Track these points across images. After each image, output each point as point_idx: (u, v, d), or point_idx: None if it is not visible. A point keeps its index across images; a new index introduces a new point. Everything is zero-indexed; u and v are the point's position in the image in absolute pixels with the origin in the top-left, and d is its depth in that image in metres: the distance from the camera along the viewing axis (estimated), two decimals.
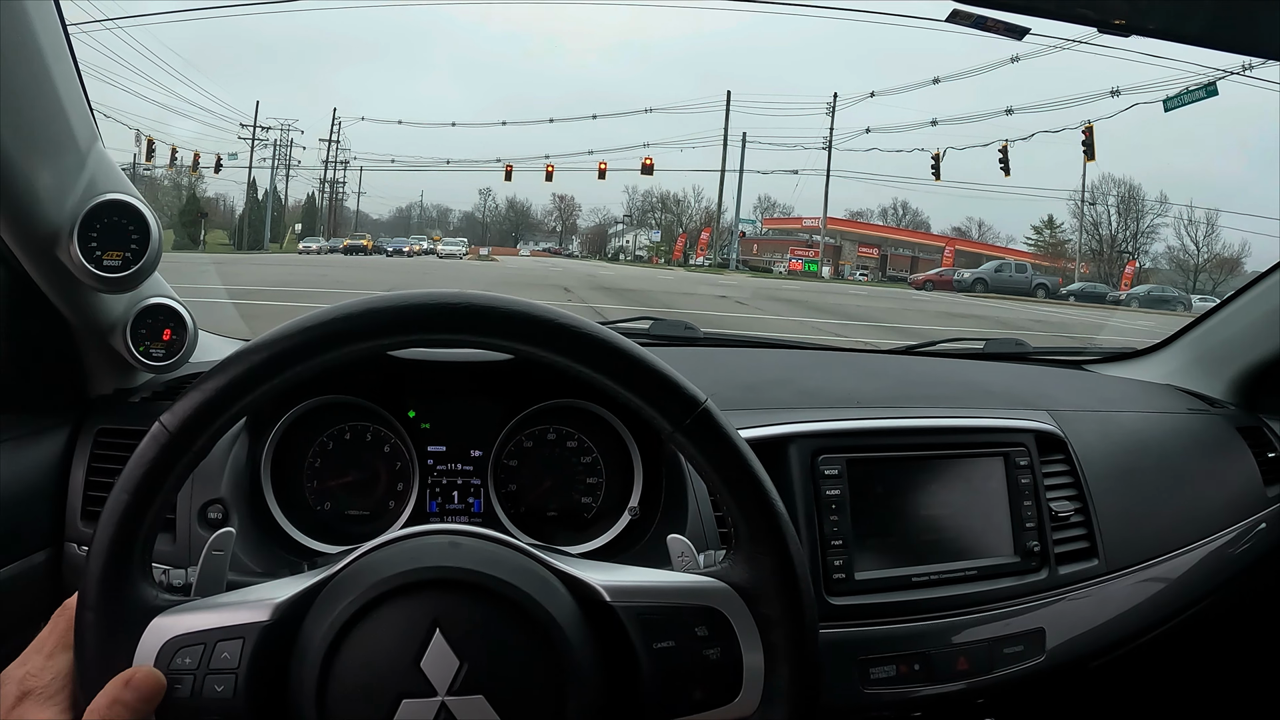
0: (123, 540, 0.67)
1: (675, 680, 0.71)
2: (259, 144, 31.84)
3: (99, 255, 1.05)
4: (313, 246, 29.16)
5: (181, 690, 0.65)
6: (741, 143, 34.33)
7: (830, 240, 35.37)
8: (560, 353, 0.72)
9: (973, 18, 0.99)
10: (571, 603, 0.70)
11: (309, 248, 29.01)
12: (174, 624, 0.67)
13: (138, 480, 0.67)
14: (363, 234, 33.89)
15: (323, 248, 28.97)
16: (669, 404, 0.73)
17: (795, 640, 0.72)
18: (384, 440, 1.24)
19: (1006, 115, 28.25)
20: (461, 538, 0.71)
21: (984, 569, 1.28)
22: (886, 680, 1.19)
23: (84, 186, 1.05)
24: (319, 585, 0.69)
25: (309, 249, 28.82)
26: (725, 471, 0.73)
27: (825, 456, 1.23)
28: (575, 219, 44.46)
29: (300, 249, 29.25)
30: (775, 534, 0.73)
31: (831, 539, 1.20)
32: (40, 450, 1.14)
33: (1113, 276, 32.06)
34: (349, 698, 0.64)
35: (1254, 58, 1.09)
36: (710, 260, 34.26)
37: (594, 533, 1.24)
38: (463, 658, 0.64)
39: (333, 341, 0.69)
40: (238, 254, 28.01)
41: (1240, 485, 1.63)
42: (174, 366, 1.23)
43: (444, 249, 31.99)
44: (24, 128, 0.95)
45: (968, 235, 41.43)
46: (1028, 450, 1.34)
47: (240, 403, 0.69)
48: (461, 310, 0.71)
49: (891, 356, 1.87)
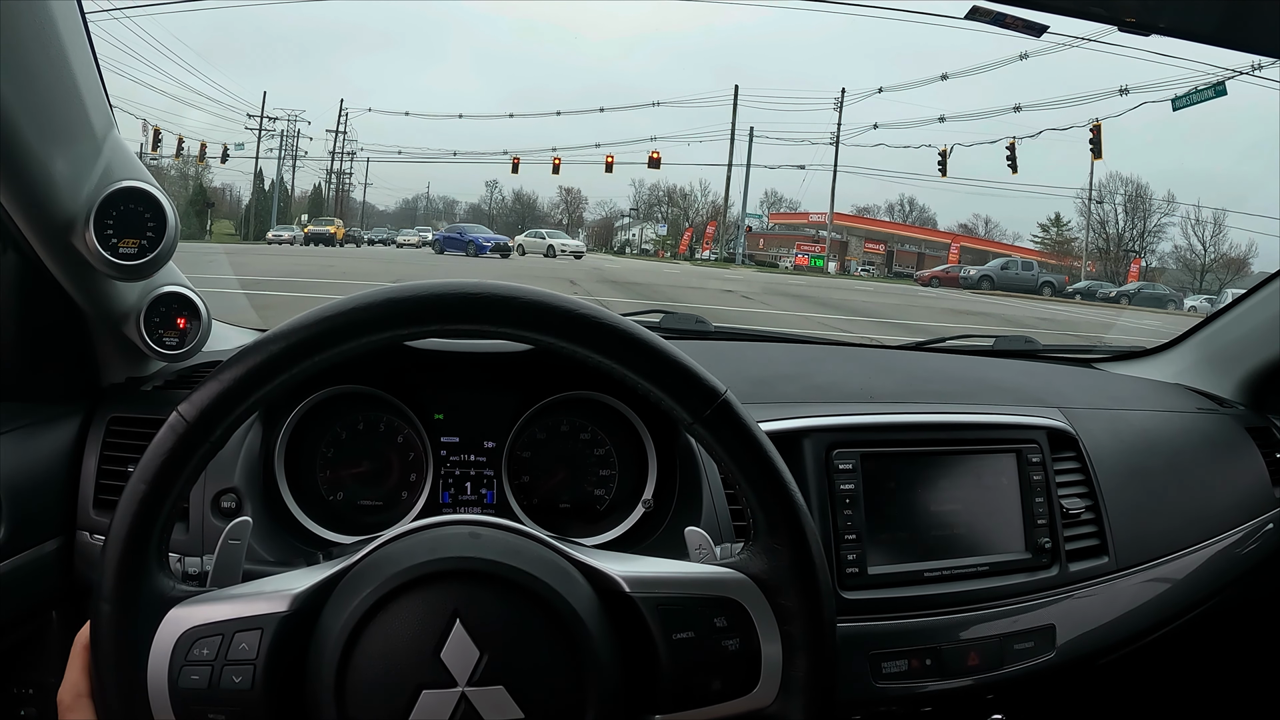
0: (140, 531, 0.67)
1: (694, 671, 0.71)
2: (266, 134, 31.72)
3: (115, 243, 1.05)
4: (284, 235, 24.61)
5: (199, 681, 0.65)
6: (749, 137, 34.25)
7: (837, 236, 35.26)
8: (579, 343, 0.72)
9: (992, 14, 0.98)
10: (591, 593, 0.70)
11: (279, 236, 24.54)
12: (191, 615, 0.67)
13: (155, 470, 0.67)
14: (330, 218, 28.13)
15: (296, 237, 24.30)
16: (689, 395, 0.73)
17: (813, 631, 0.72)
18: (397, 431, 1.24)
19: (1015, 112, 28.16)
20: (481, 528, 0.71)
21: (995, 565, 1.28)
22: (898, 675, 1.19)
23: (100, 174, 1.05)
24: (337, 576, 0.69)
25: (279, 238, 24.26)
26: (744, 463, 0.73)
27: (840, 451, 1.23)
28: (582, 212, 44.36)
29: (270, 238, 24.78)
30: (794, 525, 0.73)
31: (845, 533, 1.20)
32: (52, 438, 1.14)
33: (1119, 275, 31.97)
34: (368, 689, 0.64)
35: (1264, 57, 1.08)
36: (716, 254, 34.19)
37: (607, 525, 1.25)
38: (483, 648, 0.64)
39: (351, 332, 0.69)
40: (244, 244, 25.43)
41: (1249, 485, 1.63)
42: (187, 355, 1.23)
43: (402, 239, 28.24)
44: (41, 115, 0.95)
45: (974, 232, 41.27)
46: (1040, 447, 1.34)
47: (258, 393, 0.69)
48: (481, 300, 0.71)
49: (902, 352, 1.87)
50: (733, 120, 34.04)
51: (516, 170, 31.45)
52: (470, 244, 20.84)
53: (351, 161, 36.52)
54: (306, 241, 23.61)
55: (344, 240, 25.22)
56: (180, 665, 0.66)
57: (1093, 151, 21.58)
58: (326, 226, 25.41)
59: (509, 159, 29.68)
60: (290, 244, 23.29)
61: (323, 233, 24.55)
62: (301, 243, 23.47)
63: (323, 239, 24.02)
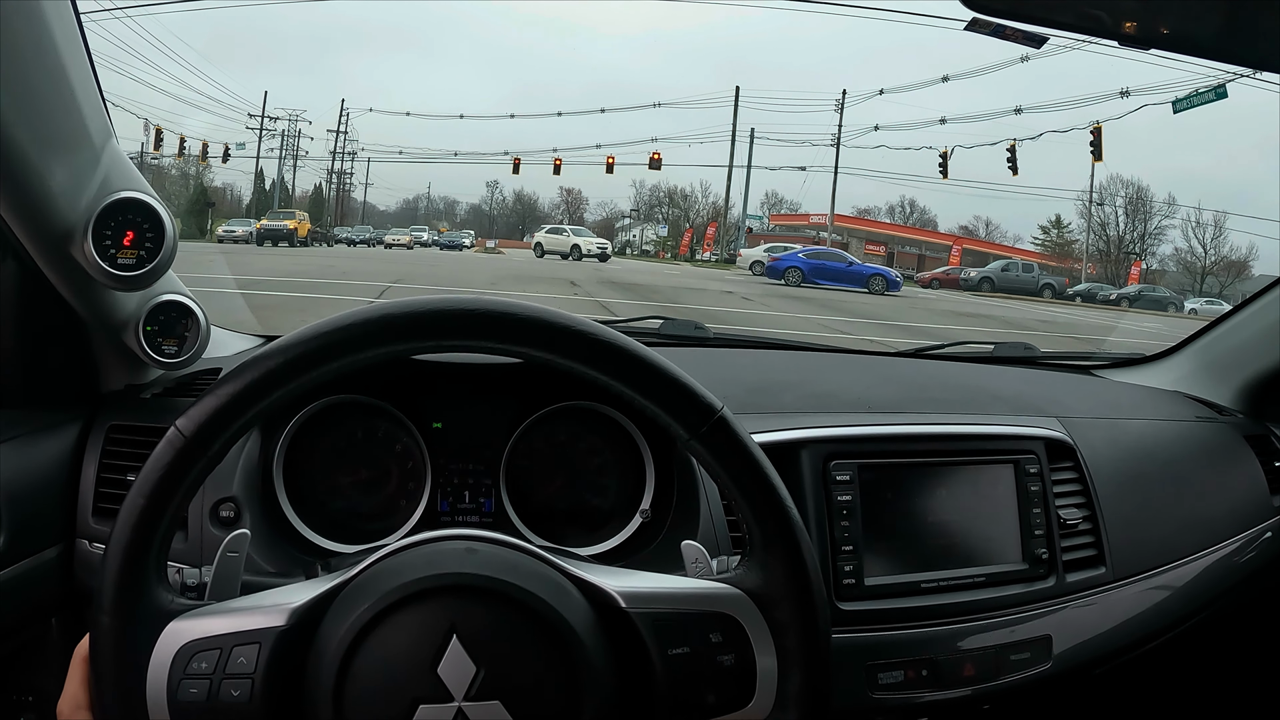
0: (139, 544, 0.68)
1: (689, 686, 0.71)
2: (267, 134, 31.68)
3: (113, 253, 1.05)
4: (236, 231, 21.19)
5: (198, 694, 0.66)
6: (750, 138, 34.25)
7: (837, 237, 35.19)
8: (576, 359, 0.72)
9: (992, 26, 0.98)
10: (587, 608, 0.70)
11: (231, 232, 21.11)
12: (190, 628, 0.68)
13: (153, 484, 0.68)
14: (290, 211, 23.87)
15: (251, 234, 20.86)
16: (685, 411, 0.73)
17: (808, 645, 0.73)
18: (396, 440, 1.24)
19: (1015, 114, 28.24)
20: (478, 543, 0.71)
21: (992, 575, 1.28)
22: (894, 685, 1.19)
23: (99, 184, 1.06)
24: (335, 590, 0.70)
25: (230, 234, 20.87)
26: (740, 479, 0.74)
27: (837, 462, 1.23)
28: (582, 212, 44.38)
29: (221, 234, 21.19)
30: (789, 540, 0.73)
31: (842, 544, 1.20)
32: (52, 446, 1.15)
33: (1119, 277, 31.98)
34: (366, 703, 0.64)
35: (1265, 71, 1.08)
36: (717, 256, 34.17)
37: (605, 534, 1.25)
38: (479, 663, 0.64)
39: (348, 348, 0.70)
40: (186, 242, 24.57)
41: (1247, 494, 1.63)
42: (186, 363, 1.23)
43: (391, 238, 27.05)
44: (39, 124, 0.95)
45: (975, 234, 41.29)
46: (1037, 458, 1.34)
47: (255, 407, 0.69)
48: (478, 317, 0.71)
49: (901, 359, 1.87)
50: (734, 121, 34.05)
51: (517, 171, 31.50)
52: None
53: (352, 161, 36.57)
54: (260, 240, 20.16)
55: (311, 238, 21.72)
56: (179, 678, 0.66)
57: (1093, 153, 21.65)
58: (284, 221, 21.47)
59: (510, 159, 29.72)
60: (246, 242, 20.07)
61: (278, 229, 20.68)
62: (255, 241, 20.01)
63: (278, 236, 20.32)
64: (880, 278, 19.65)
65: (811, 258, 20.48)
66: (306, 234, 21.66)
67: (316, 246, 21.18)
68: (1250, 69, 2.02)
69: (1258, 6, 0.93)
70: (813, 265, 19.65)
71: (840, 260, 20.73)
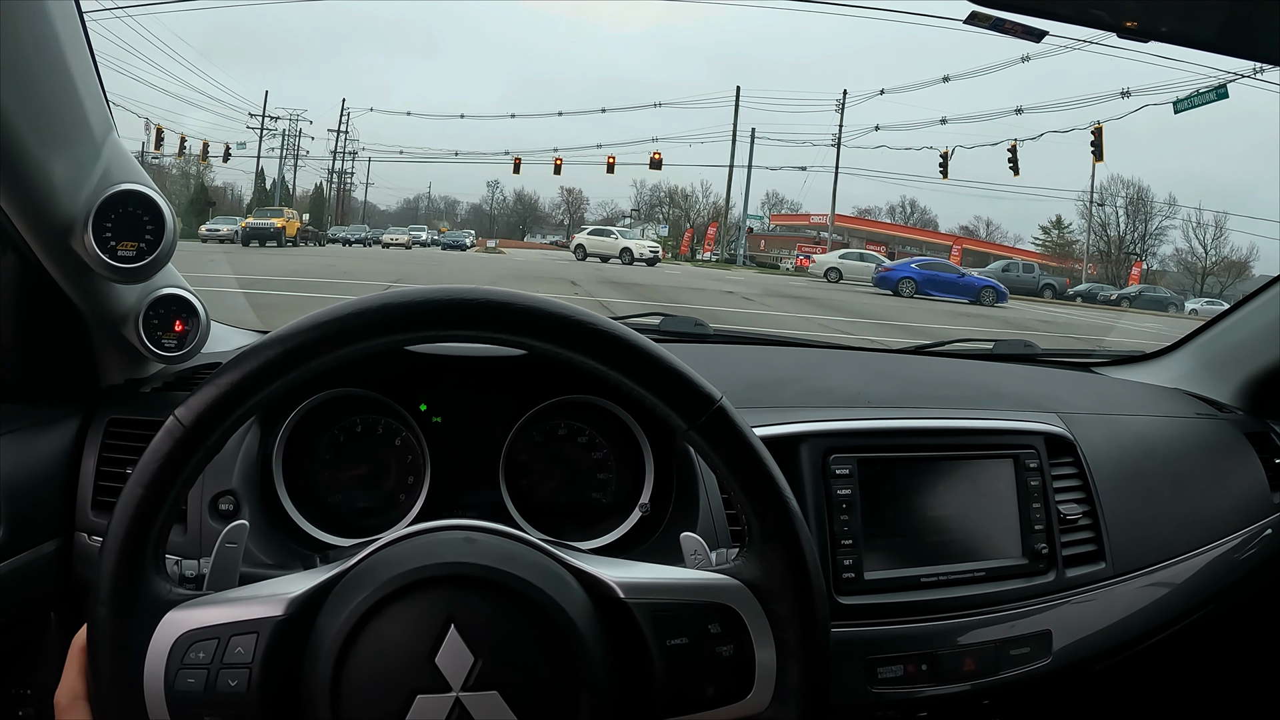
0: (137, 535, 0.68)
1: (688, 677, 0.71)
2: (267, 134, 31.65)
3: (113, 245, 1.05)
4: (220, 230, 19.74)
5: (195, 684, 0.65)
6: (750, 138, 34.25)
7: (838, 237, 35.20)
8: (575, 349, 0.72)
9: (991, 20, 0.98)
10: (585, 599, 0.70)
11: (215, 231, 19.58)
12: (187, 618, 0.67)
13: (152, 474, 0.68)
14: (278, 209, 22.07)
15: (236, 233, 19.36)
16: (684, 402, 0.73)
17: (807, 638, 0.73)
18: (395, 433, 1.24)
19: (1016, 115, 28.26)
20: (476, 534, 0.71)
21: (992, 570, 1.28)
22: (893, 680, 1.19)
23: (99, 176, 1.06)
24: (333, 580, 0.69)
25: (214, 233, 19.44)
26: (739, 469, 0.74)
27: (836, 456, 1.23)
28: (583, 212, 44.41)
29: (203, 233, 19.44)
30: (788, 532, 0.73)
31: (842, 538, 1.20)
32: (51, 440, 1.15)
33: (1120, 277, 31.99)
34: (363, 693, 0.64)
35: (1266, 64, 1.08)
36: (717, 256, 34.18)
37: (604, 528, 1.25)
38: (477, 654, 0.64)
39: (347, 338, 0.69)
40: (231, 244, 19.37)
41: (1247, 490, 1.63)
42: (186, 357, 1.23)
43: (389, 238, 26.97)
44: (40, 117, 0.95)
45: (975, 234, 41.32)
46: (1037, 453, 1.34)
47: (254, 398, 0.69)
48: (476, 306, 0.71)
49: (901, 356, 1.87)
50: (734, 121, 34.07)
51: (518, 170, 31.52)
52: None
53: (353, 161, 36.58)
54: (246, 240, 18.82)
55: (301, 237, 20.41)
56: (176, 668, 0.66)
57: (1094, 154, 21.63)
58: (271, 219, 20.01)
59: (510, 159, 29.75)
60: (231, 241, 18.76)
61: (265, 227, 19.22)
62: (241, 241, 18.72)
63: (265, 236, 18.87)
64: (991, 290, 19.69)
65: (924, 268, 20.62)
66: (296, 233, 20.75)
67: (307, 246, 20.28)
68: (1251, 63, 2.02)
69: (1258, 1, 0.93)
70: (926, 276, 19.76)
71: (953, 272, 20.84)
